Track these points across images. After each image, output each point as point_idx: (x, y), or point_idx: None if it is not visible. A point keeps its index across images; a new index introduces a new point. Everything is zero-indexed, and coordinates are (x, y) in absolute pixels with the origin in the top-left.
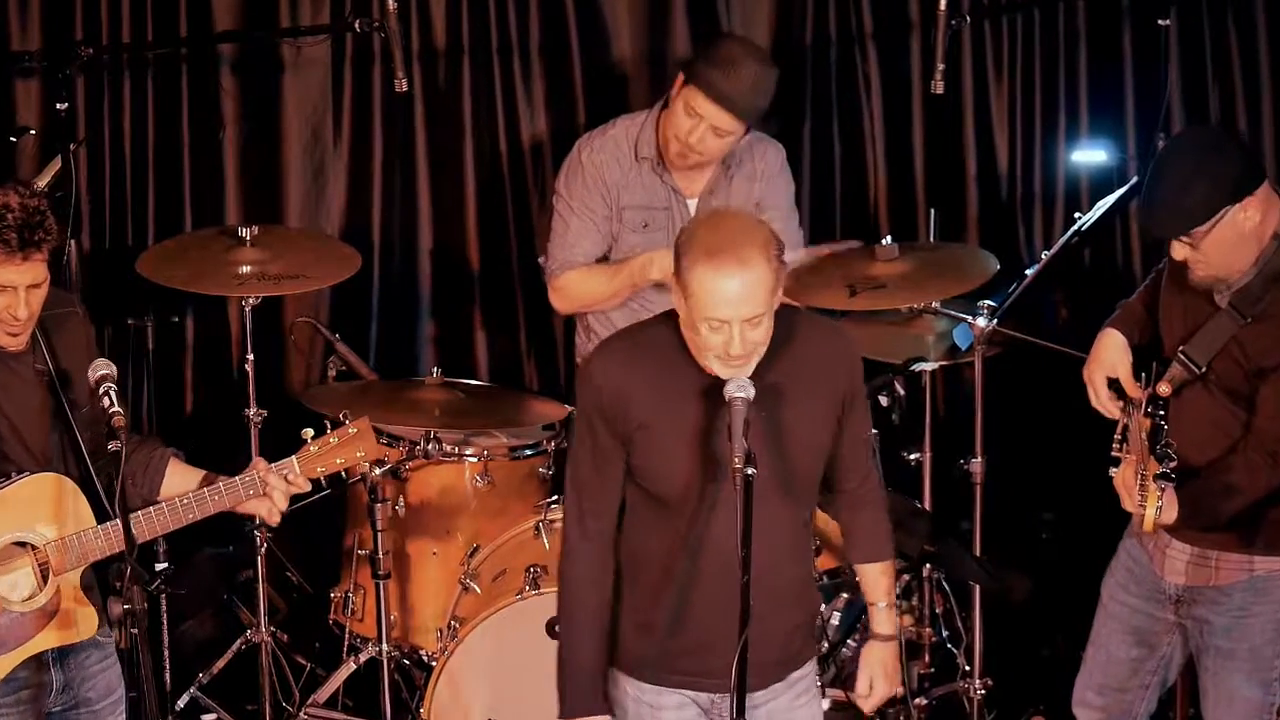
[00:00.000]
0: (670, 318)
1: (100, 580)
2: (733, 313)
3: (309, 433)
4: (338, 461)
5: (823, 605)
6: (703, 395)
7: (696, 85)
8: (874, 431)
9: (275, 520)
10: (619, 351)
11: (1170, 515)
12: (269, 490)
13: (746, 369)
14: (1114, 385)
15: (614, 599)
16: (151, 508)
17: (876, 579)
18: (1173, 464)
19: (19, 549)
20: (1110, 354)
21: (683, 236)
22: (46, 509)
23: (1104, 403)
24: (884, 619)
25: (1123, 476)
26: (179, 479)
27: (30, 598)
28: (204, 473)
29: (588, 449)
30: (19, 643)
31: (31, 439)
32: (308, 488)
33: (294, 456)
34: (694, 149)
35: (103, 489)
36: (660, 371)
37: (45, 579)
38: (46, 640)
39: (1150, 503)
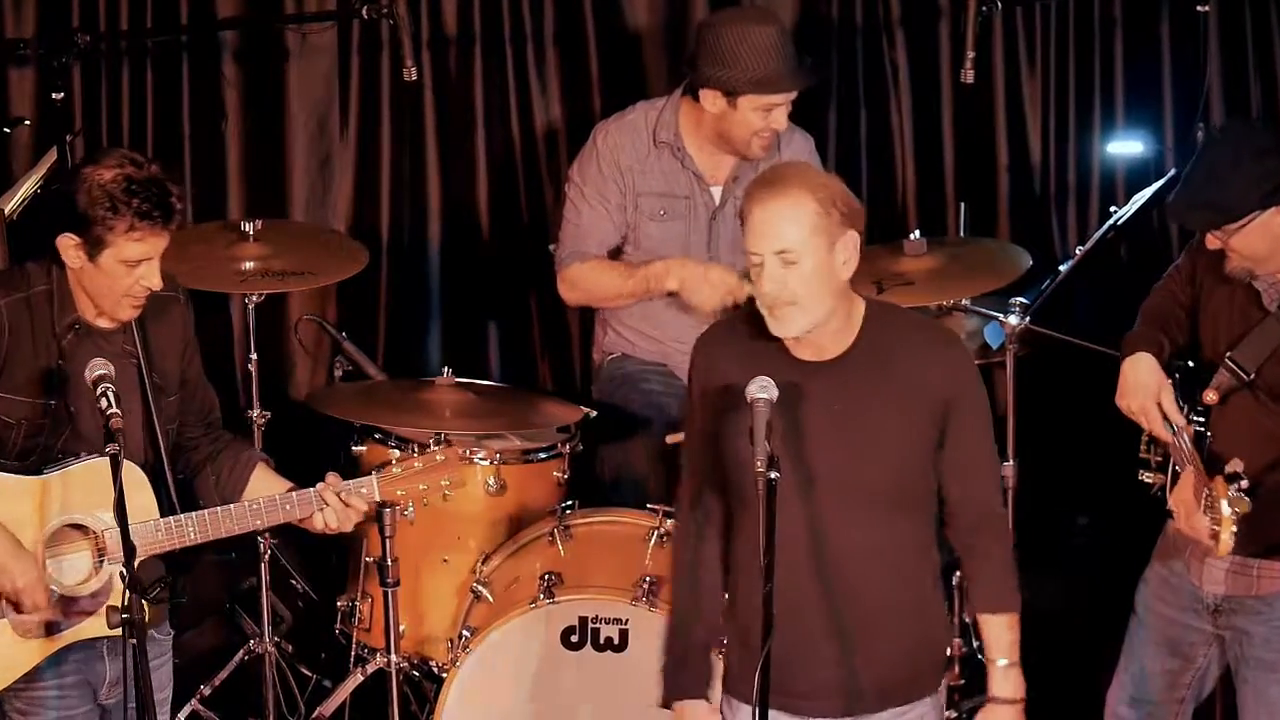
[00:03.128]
0: None
1: (172, 579)
2: (762, 244)
3: (396, 454)
4: (420, 488)
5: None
6: (787, 385)
7: (752, 92)
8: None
9: (342, 529)
10: (720, 334)
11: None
12: (330, 507)
13: (791, 322)
14: None
15: (726, 611)
16: (218, 509)
17: (999, 633)
18: (1243, 485)
19: (79, 532)
20: (1153, 379)
21: (747, 187)
22: (107, 493)
23: (1175, 417)
24: (1004, 680)
25: (1182, 495)
26: (263, 486)
27: (84, 582)
28: (290, 483)
29: (690, 434)
30: (68, 626)
31: (99, 421)
32: (367, 509)
33: (374, 475)
34: (777, 130)
35: (170, 478)
36: (751, 359)
37: (101, 565)
38: (96, 627)
39: (1225, 528)
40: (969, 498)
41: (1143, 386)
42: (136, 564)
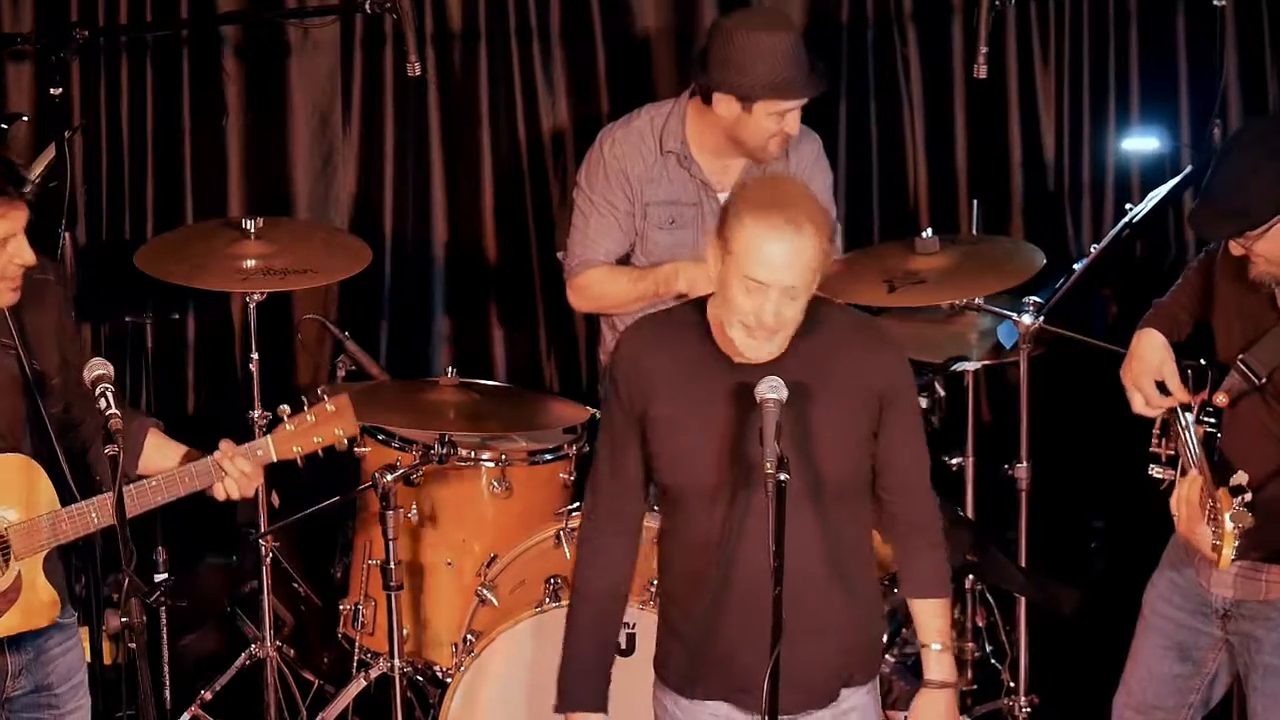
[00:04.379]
0: (701, 304)
1: (65, 559)
2: (773, 276)
3: (285, 410)
4: (315, 440)
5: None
6: (729, 391)
7: (766, 98)
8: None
9: (245, 495)
10: (647, 330)
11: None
12: (228, 475)
13: (767, 347)
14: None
15: (662, 603)
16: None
17: (929, 618)
18: (1247, 498)
19: None
20: (1154, 355)
21: (735, 192)
22: (11, 490)
23: (1158, 404)
24: (938, 663)
25: (1186, 494)
26: (158, 453)
27: None
28: (185, 448)
29: (606, 428)
30: None
31: None
32: (272, 460)
33: (268, 436)
34: (792, 133)
35: (68, 470)
36: (685, 358)
37: (7, 562)
38: (8, 625)
39: (1227, 543)
40: (901, 486)
41: (1142, 362)
42: (43, 556)
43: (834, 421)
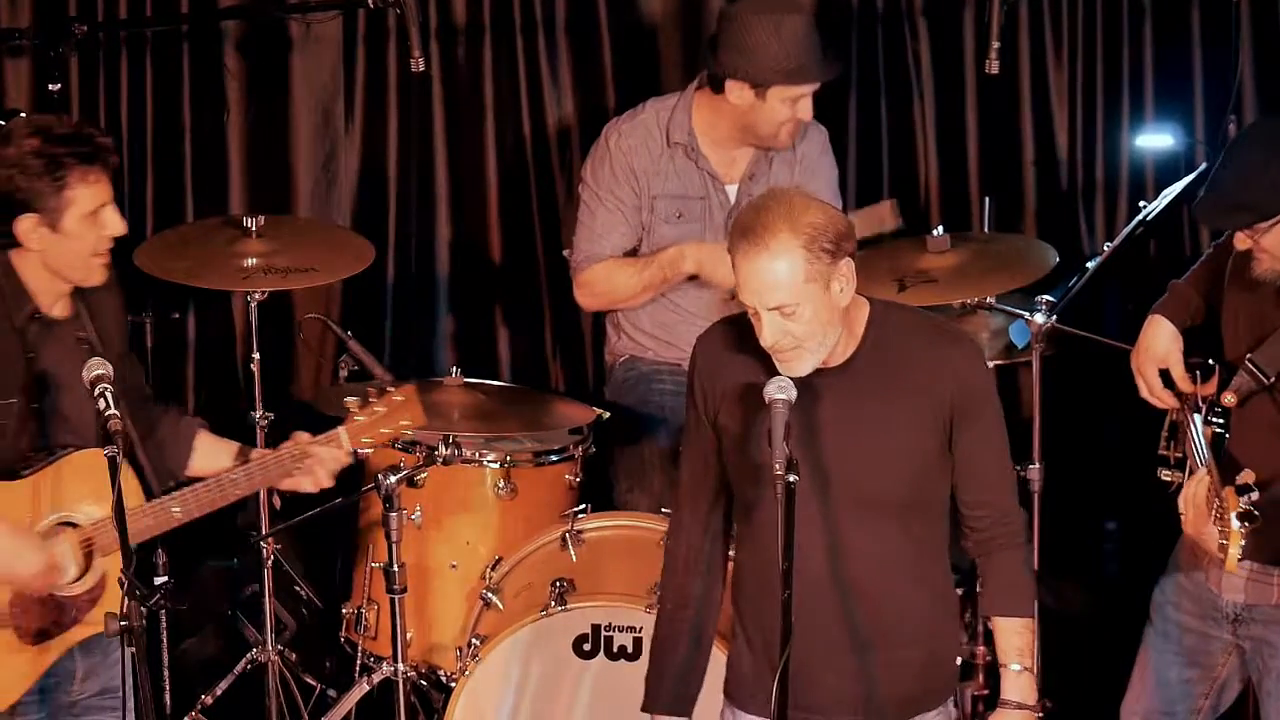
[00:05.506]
0: None
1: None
2: (757, 300)
3: (354, 401)
4: (383, 431)
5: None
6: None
7: (780, 84)
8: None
9: (319, 488)
10: (726, 332)
11: (1246, 549)
12: (313, 464)
13: (798, 366)
14: (1163, 376)
15: (734, 619)
16: (199, 484)
17: (1009, 637)
18: (1254, 497)
19: (63, 529)
20: (1160, 343)
21: (734, 220)
22: (92, 487)
23: (1159, 393)
24: (1016, 684)
25: (1193, 494)
26: (209, 451)
27: (76, 580)
28: (237, 445)
29: (688, 437)
30: (66, 628)
31: (76, 413)
32: (350, 461)
33: (341, 427)
34: (805, 120)
35: (148, 466)
36: (754, 364)
37: (89, 561)
38: (92, 625)
39: (1234, 542)
40: (983, 501)
41: (1148, 349)
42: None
43: (897, 427)
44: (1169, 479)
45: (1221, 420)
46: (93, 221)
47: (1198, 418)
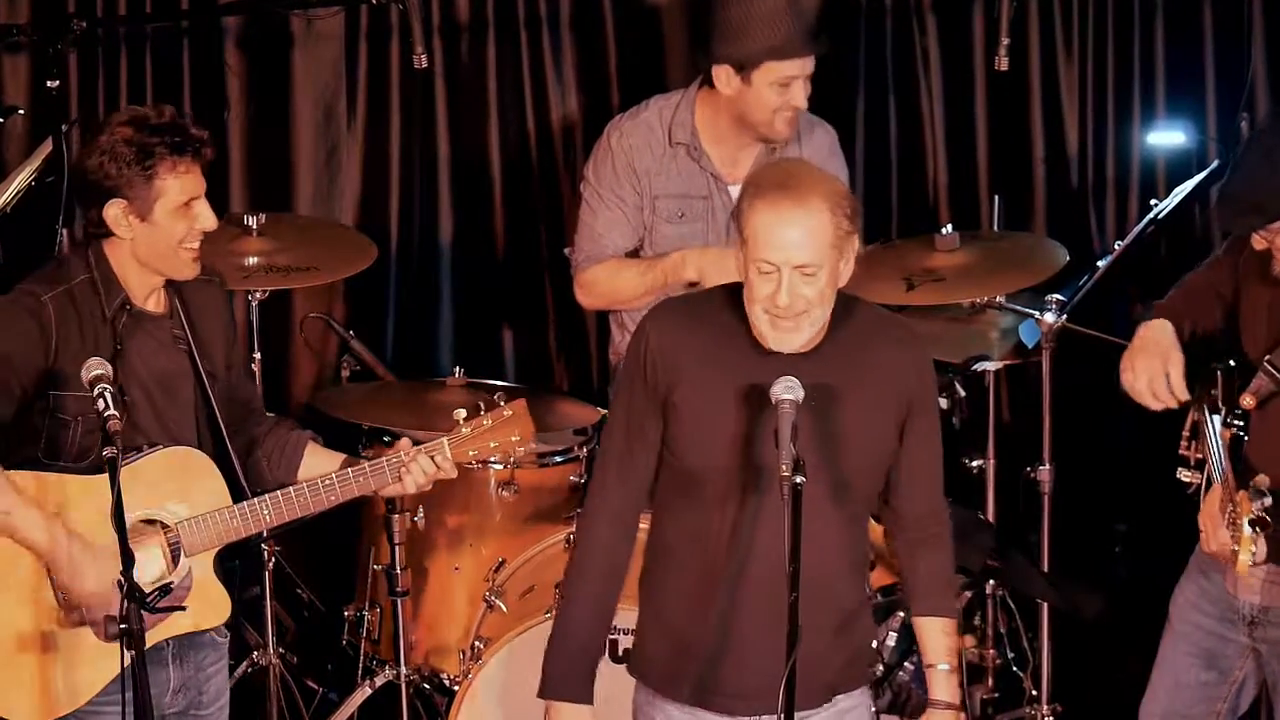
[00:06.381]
0: (734, 291)
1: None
2: (783, 256)
3: (461, 413)
4: (491, 445)
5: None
6: (756, 381)
7: (767, 60)
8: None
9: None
10: (677, 311)
11: (1263, 554)
12: (407, 474)
13: (794, 337)
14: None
15: (642, 600)
16: (290, 488)
17: (937, 637)
18: (1267, 502)
19: (148, 527)
20: (1165, 343)
21: (746, 180)
22: (179, 485)
23: (1180, 392)
24: (944, 683)
25: (1209, 509)
26: (318, 462)
27: (161, 579)
28: (344, 456)
29: (623, 407)
30: (149, 627)
31: (165, 409)
32: (454, 474)
33: (445, 438)
34: (798, 106)
35: (239, 466)
36: (713, 344)
37: (176, 560)
38: (178, 624)
39: (1244, 547)
40: (917, 495)
41: (1158, 347)
42: (214, 553)
43: (862, 423)
44: (1188, 479)
45: (1241, 423)
46: (184, 213)
47: (1216, 419)
